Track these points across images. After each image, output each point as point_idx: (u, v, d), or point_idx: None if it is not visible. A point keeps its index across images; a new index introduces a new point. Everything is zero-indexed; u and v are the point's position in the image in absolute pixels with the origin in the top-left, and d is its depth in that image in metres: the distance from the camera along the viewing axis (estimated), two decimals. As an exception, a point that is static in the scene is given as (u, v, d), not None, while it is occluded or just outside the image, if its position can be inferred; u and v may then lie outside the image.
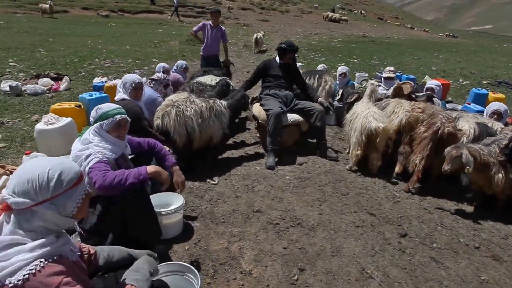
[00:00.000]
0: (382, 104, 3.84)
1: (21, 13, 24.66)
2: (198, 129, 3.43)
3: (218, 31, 6.18)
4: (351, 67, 10.53)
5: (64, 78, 7.31)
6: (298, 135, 4.22)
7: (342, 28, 27.24)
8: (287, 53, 4.05)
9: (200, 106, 3.50)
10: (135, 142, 2.49)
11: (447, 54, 15.02)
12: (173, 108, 3.36)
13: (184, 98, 3.55)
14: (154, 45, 14.23)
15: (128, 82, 3.18)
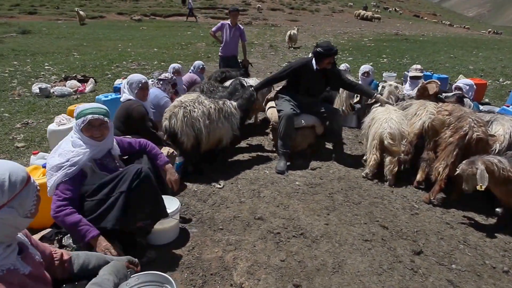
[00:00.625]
0: (404, 105, 3.52)
1: (62, 19, 26.27)
2: (205, 131, 3.34)
3: (237, 31, 6.10)
4: (379, 66, 10.05)
5: (90, 80, 7.60)
6: (313, 138, 4.01)
7: (374, 27, 26.23)
8: (324, 58, 3.49)
9: (208, 108, 3.41)
10: (126, 142, 2.44)
11: (488, 52, 13.88)
12: (181, 109, 3.29)
13: (192, 99, 3.49)
14: (181, 47, 14.51)
15: (135, 82, 3.15)
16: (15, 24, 20.72)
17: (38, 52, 12.42)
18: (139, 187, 2.01)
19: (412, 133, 3.16)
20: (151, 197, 2.12)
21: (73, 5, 31.85)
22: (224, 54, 6.24)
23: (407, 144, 3.22)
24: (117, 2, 34.46)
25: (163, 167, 2.47)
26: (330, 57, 3.48)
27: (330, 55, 3.47)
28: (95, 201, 1.99)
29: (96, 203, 1.99)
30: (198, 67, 5.52)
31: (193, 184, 3.32)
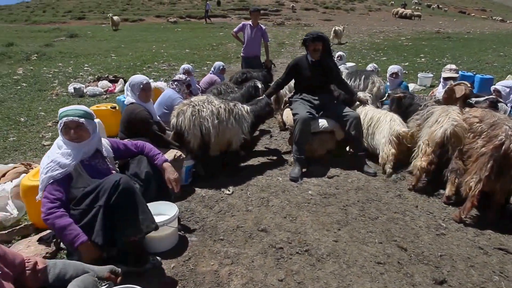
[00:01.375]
0: (425, 114, 3.14)
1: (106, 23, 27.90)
2: (214, 131, 3.22)
3: (259, 31, 5.95)
4: (416, 67, 9.40)
5: (120, 81, 7.85)
6: (332, 144, 3.74)
7: (413, 25, 24.79)
8: (309, 44, 3.49)
9: (218, 108, 3.29)
10: (121, 145, 2.39)
11: None
12: (189, 108, 3.21)
13: (202, 99, 3.39)
14: (211, 48, 14.67)
15: (136, 83, 3.09)
16: (65, 29, 22.38)
17: (81, 54, 13.21)
18: (118, 201, 1.86)
19: (433, 142, 2.81)
20: (134, 210, 1.94)
21: (117, 9, 33.94)
22: (246, 54, 6.12)
23: (429, 153, 2.86)
24: (156, 5, 36.03)
25: (161, 166, 2.40)
26: (313, 43, 3.46)
27: (313, 40, 3.45)
28: (79, 210, 1.91)
29: (79, 212, 1.91)
30: (218, 68, 5.44)
31: (202, 189, 3.21)
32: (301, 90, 3.78)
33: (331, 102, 3.69)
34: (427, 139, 2.87)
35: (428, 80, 7.18)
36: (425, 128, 2.99)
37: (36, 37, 19.14)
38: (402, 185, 3.18)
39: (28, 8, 36.86)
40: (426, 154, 2.86)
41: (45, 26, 25.10)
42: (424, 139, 2.92)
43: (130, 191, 1.92)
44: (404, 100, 3.63)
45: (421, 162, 2.88)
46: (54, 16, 31.16)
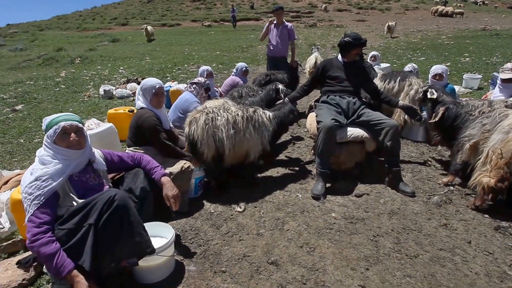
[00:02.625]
0: (496, 117, 2.52)
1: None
2: (229, 142, 2.87)
3: (284, 29, 5.53)
4: (459, 67, 8.45)
5: (146, 84, 7.83)
6: (362, 156, 3.25)
7: (455, 23, 22.90)
8: (351, 48, 3.18)
9: (235, 115, 2.94)
10: (116, 156, 2.14)
11: None
12: (203, 115, 2.89)
13: (217, 104, 3.07)
14: (241, 50, 14.49)
15: (149, 87, 2.84)
16: (109, 34, 23.58)
17: (119, 57, 13.68)
18: (111, 219, 1.66)
19: (509, 153, 2.22)
20: (129, 230, 1.72)
21: (157, 15, 35.39)
22: (272, 54, 5.73)
23: (501, 167, 2.27)
24: (193, 10, 37.03)
25: (159, 181, 2.15)
26: (357, 48, 3.19)
27: (358, 45, 3.18)
28: (65, 230, 1.68)
29: (66, 233, 1.68)
30: (241, 69, 5.11)
31: (211, 204, 2.88)
32: (330, 92, 3.32)
33: (363, 107, 3.19)
34: (499, 147, 2.28)
35: (475, 82, 6.31)
36: (496, 133, 2.38)
37: (83, 42, 20.31)
38: (448, 211, 2.61)
39: (81, 16, 39.65)
40: (496, 167, 2.27)
41: (92, 33, 26.62)
42: (495, 148, 2.32)
43: (125, 208, 1.71)
44: (449, 113, 3.01)
45: (489, 178, 2.30)
46: (102, 23, 33.10)
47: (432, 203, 2.72)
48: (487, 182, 2.27)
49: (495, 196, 2.29)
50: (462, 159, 2.68)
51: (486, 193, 2.33)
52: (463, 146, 2.65)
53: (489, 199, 2.32)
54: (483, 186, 2.31)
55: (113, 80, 9.34)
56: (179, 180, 2.71)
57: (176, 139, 3.12)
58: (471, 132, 2.61)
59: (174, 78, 8.83)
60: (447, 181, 2.98)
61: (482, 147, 2.44)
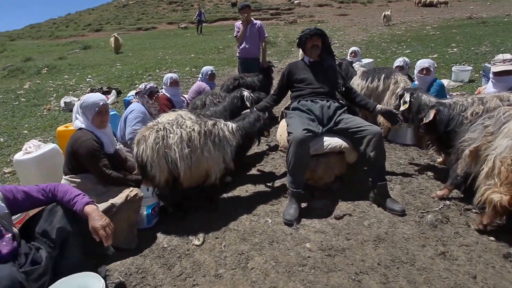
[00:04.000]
0: (501, 118, 2.05)
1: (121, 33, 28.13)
2: (184, 163, 2.40)
3: (253, 28, 5.05)
4: (447, 58, 8.15)
5: (112, 92, 7.23)
6: (342, 168, 2.80)
7: (439, 13, 22.85)
8: (305, 42, 2.87)
9: (190, 131, 2.45)
10: (21, 194, 1.72)
11: None
12: (152, 133, 2.40)
13: (171, 119, 2.58)
14: (218, 51, 13.95)
15: (90, 105, 2.38)
16: (81, 41, 22.69)
17: (89, 65, 12.97)
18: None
19: None
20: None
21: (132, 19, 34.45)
22: (242, 56, 5.24)
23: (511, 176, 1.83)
24: (170, 13, 36.22)
25: (82, 212, 1.70)
26: (310, 39, 2.87)
27: (310, 35, 2.86)
28: None
29: None
30: (206, 73, 4.59)
31: (166, 236, 2.40)
32: (300, 97, 2.90)
33: (340, 112, 2.74)
34: (509, 156, 1.85)
35: (466, 74, 5.96)
36: (502, 138, 1.94)
37: (53, 51, 19.45)
38: (446, 233, 2.18)
39: (54, 24, 38.36)
40: (507, 181, 1.82)
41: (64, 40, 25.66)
42: (503, 157, 1.88)
43: None
44: (440, 116, 2.60)
45: (500, 195, 1.86)
46: (75, 30, 32.02)
47: (425, 223, 2.28)
48: (499, 201, 1.82)
49: (508, 217, 1.85)
50: (463, 169, 2.25)
51: (499, 213, 1.88)
52: (462, 153, 2.22)
53: (503, 220, 1.87)
54: (494, 205, 1.86)
55: (78, 90, 8.69)
56: (125, 212, 2.27)
57: (123, 161, 2.62)
58: (471, 135, 2.16)
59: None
60: (443, 195, 2.56)
61: (485, 153, 2.01)
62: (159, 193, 2.58)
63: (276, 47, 13.47)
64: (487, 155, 1.97)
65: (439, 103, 2.71)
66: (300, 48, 3.05)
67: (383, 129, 3.87)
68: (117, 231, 2.25)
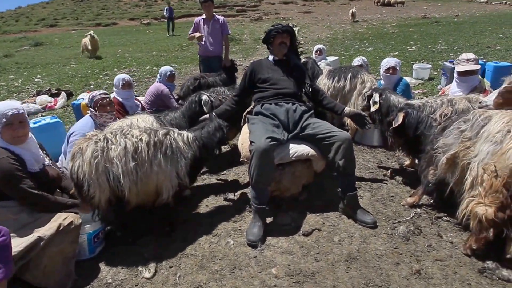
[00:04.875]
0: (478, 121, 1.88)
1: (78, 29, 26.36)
2: (128, 179, 2.05)
3: (216, 24, 4.73)
4: (407, 56, 8.32)
5: (61, 95, 6.56)
6: (310, 177, 2.60)
7: (397, 12, 23.82)
8: (273, 38, 2.67)
9: (136, 141, 2.11)
10: None
11: None
12: (90, 145, 2.03)
13: (114, 128, 2.23)
14: (181, 48, 13.41)
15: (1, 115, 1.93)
16: (32, 37, 20.84)
17: (39, 64, 11.89)
18: None
19: (507, 170, 1.64)
20: None
21: (91, 15, 32.45)
22: (204, 54, 4.90)
23: (499, 189, 1.69)
24: (132, 8, 34.60)
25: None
26: (279, 36, 2.66)
27: (278, 32, 2.65)
28: None
29: None
30: (165, 74, 4.18)
31: (110, 268, 2.06)
32: (263, 100, 2.66)
33: (307, 116, 2.53)
34: (493, 164, 1.68)
35: (425, 72, 6.08)
36: (482, 143, 1.77)
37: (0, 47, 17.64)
38: (419, 246, 2.04)
39: (2, 18, 35.00)
40: (492, 190, 1.67)
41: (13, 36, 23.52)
42: (487, 164, 1.71)
43: None
44: (409, 119, 2.46)
45: (485, 207, 1.70)
46: (26, 25, 29.52)
47: (398, 235, 2.13)
48: (484, 214, 1.68)
49: (496, 231, 1.71)
50: (437, 177, 2.11)
51: (485, 228, 1.73)
52: (436, 159, 2.08)
53: (490, 236, 1.73)
54: (480, 219, 1.72)
55: (24, 92, 7.85)
56: (57, 245, 1.91)
57: (55, 180, 2.22)
58: (446, 141, 2.01)
59: (99, 86, 7.62)
60: (413, 202, 2.44)
61: (463, 160, 1.87)
62: (102, 216, 2.22)
63: (241, 44, 13.18)
64: (467, 162, 1.84)
65: (408, 105, 2.59)
66: (266, 45, 2.81)
67: (350, 130, 3.76)
68: (48, 270, 1.89)
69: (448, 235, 2.14)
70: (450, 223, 2.25)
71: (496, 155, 1.65)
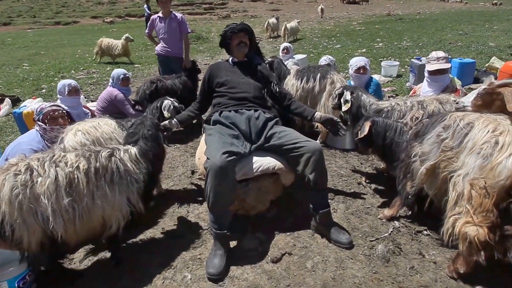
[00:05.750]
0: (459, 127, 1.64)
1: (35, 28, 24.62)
2: (63, 220, 1.67)
3: (173, 22, 4.34)
4: (375, 53, 8.31)
5: (5, 101, 5.87)
6: (278, 192, 2.31)
7: (362, 9, 24.34)
8: (229, 38, 2.41)
9: (71, 171, 1.71)
10: None
11: (504, 24, 11.88)
12: (8, 179, 1.61)
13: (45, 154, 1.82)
14: (145, 48, 12.74)
15: None
16: (-18, 37, 19.06)
17: (-15, 66, 10.75)
18: None
19: (498, 186, 1.43)
20: None
21: (50, 13, 30.40)
22: (161, 54, 4.50)
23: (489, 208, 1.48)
24: (94, 6, 32.86)
25: None
26: (235, 36, 2.40)
27: (235, 31, 2.39)
28: None
29: None
30: (118, 77, 3.74)
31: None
32: (221, 106, 2.35)
33: (272, 124, 2.24)
34: (482, 178, 1.46)
35: (394, 69, 6.03)
36: (467, 155, 1.55)
37: None
38: (400, 269, 1.82)
39: None
40: (482, 209, 1.47)
41: (-42, 36, 21.48)
42: (475, 180, 1.49)
43: None
44: (376, 128, 2.25)
45: (476, 228, 1.48)
46: (-23, 23, 27.12)
47: (377, 256, 1.91)
48: (475, 235, 1.46)
49: (488, 254, 1.50)
50: (415, 188, 1.90)
51: (476, 250, 1.50)
52: (413, 168, 1.87)
53: (482, 259, 1.51)
54: (470, 241, 1.49)
55: (-35, 98, 6.99)
56: None
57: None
58: (424, 149, 1.80)
59: (52, 90, 6.94)
60: (391, 215, 2.23)
61: (444, 171, 1.66)
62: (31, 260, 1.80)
63: (209, 43, 12.73)
64: (449, 175, 1.63)
65: (375, 111, 2.41)
66: (224, 48, 2.53)
67: (321, 134, 3.54)
68: None
69: (431, 253, 1.94)
70: (431, 238, 2.07)
71: (485, 170, 1.45)
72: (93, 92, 6.47)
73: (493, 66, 5.40)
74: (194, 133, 3.92)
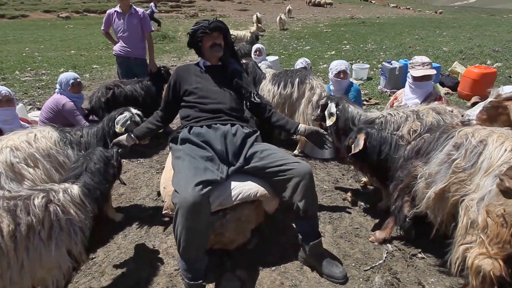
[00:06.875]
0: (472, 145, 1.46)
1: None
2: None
3: (133, 18, 3.86)
4: (343, 55, 8.32)
5: None
6: (260, 219, 2.02)
7: (327, 12, 24.91)
8: (205, 38, 2.01)
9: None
10: None
11: (451, 30, 12.65)
12: None
13: None
14: (106, 46, 11.82)
15: None
16: None
17: None
18: None
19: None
20: None
21: (-7, 4, 27.56)
22: (120, 54, 4.01)
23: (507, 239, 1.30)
24: (47, -2, 30.33)
25: None
26: (207, 36, 2.01)
27: (208, 31, 1.99)
28: None
29: None
30: (67, 83, 3.18)
31: None
32: (191, 119, 2.00)
33: (252, 141, 1.93)
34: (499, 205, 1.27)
35: (364, 72, 6.00)
36: (483, 178, 1.36)
37: None
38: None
39: None
40: (498, 240, 1.29)
41: None
42: (492, 206, 1.30)
43: None
44: (370, 141, 2.01)
45: (491, 261, 1.30)
46: None
47: (374, 291, 1.68)
48: (491, 269, 1.27)
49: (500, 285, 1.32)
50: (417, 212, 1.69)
51: (489, 285, 1.32)
52: (417, 191, 1.66)
53: None
54: (484, 275, 1.30)
55: None
56: None
57: None
58: (431, 170, 1.59)
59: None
60: (383, 238, 2.02)
61: (455, 195, 1.46)
62: None
63: (176, 43, 12.13)
64: (460, 198, 1.43)
65: (367, 122, 2.19)
66: (193, 49, 2.14)
67: (300, 143, 3.31)
68: None
69: (429, 281, 1.76)
70: (426, 262, 1.89)
71: (502, 195, 1.26)
72: (40, 97, 5.72)
73: (455, 71, 5.55)
74: (160, 144, 3.50)
